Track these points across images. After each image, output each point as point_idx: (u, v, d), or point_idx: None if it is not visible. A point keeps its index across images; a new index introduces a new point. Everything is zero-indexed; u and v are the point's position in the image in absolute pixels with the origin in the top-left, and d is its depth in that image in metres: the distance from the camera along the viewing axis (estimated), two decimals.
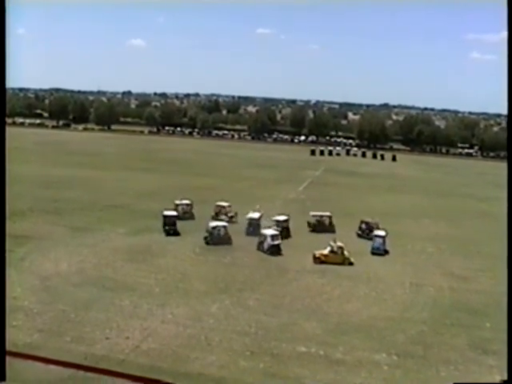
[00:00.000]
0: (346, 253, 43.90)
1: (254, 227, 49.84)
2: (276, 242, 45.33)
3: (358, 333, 31.24)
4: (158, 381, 24.95)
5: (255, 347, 28.85)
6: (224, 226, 48.16)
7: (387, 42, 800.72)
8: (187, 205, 56.77)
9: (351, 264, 43.52)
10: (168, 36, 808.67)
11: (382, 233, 48.31)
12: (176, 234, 49.81)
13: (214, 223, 48.88)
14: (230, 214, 55.45)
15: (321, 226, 53.98)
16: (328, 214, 55.08)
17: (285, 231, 49.79)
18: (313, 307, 34.72)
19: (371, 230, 50.75)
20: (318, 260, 43.37)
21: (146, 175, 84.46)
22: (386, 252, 47.36)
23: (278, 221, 50.77)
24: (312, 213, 55.62)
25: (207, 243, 46.86)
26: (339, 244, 44.28)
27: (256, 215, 51.27)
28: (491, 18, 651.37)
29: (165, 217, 50.96)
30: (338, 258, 43.49)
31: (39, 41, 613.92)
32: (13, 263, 37.15)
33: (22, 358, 25.79)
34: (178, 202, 56.64)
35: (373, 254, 46.94)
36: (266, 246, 45.27)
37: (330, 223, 54.36)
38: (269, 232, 46.05)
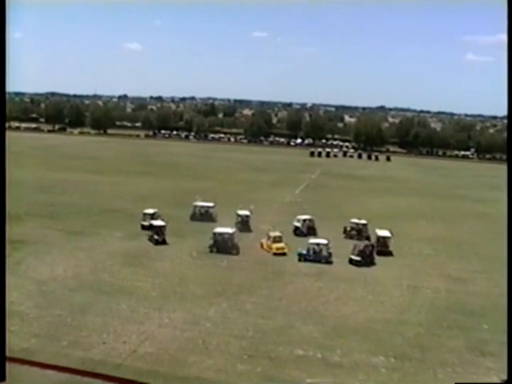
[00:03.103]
0: (277, 245, 46.23)
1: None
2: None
3: (355, 335, 31.26)
4: None
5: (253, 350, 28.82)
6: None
7: (382, 45, 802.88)
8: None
9: (279, 255, 45.40)
10: (164, 39, 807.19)
11: (316, 240, 45.51)
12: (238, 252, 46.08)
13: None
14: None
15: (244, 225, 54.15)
16: (248, 213, 54.78)
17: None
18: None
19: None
20: (261, 245, 47.63)
21: (142, 179, 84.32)
22: (326, 261, 43.81)
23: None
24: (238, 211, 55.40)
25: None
26: (274, 234, 47.41)
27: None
28: (487, 20, 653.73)
29: (218, 234, 46.01)
30: (268, 247, 46.82)
31: (35, 44, 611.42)
32: (9, 268, 36.84)
33: (19, 363, 25.65)
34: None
35: (299, 260, 44.34)
36: None
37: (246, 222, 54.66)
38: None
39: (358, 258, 43.32)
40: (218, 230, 46.84)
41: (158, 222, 48.88)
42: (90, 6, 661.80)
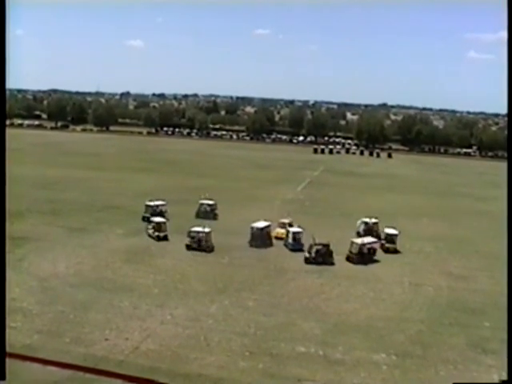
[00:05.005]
0: (278, 230, 50.52)
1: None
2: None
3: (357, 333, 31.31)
4: (157, 382, 24.97)
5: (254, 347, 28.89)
6: None
7: (385, 42, 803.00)
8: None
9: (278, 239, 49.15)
10: (166, 37, 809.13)
11: (296, 229, 48.60)
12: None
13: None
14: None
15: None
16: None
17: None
18: None
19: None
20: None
21: (144, 176, 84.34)
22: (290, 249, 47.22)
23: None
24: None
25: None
26: (283, 221, 51.78)
27: None
28: (489, 18, 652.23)
29: (256, 229, 48.21)
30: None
31: (37, 42, 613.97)
32: (11, 264, 36.94)
33: (21, 359, 25.76)
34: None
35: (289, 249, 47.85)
36: None
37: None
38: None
39: (308, 256, 45.08)
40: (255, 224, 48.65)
41: (206, 229, 46.04)
42: (92, 3, 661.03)
